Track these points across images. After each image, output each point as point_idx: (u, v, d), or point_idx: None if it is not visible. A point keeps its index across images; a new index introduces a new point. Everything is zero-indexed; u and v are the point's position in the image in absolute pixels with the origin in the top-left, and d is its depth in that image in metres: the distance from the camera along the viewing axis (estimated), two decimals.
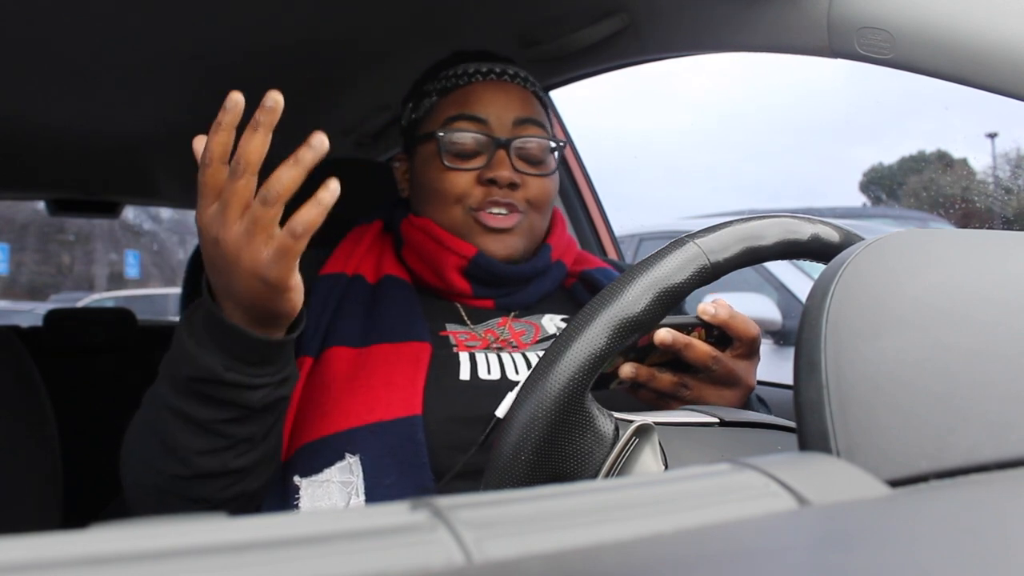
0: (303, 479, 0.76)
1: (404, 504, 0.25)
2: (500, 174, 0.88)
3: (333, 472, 0.76)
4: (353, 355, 0.83)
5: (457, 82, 0.94)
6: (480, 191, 0.90)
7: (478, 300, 0.92)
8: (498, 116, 0.91)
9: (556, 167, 0.95)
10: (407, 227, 0.94)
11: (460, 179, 0.90)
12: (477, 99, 0.92)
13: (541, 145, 0.92)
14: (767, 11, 0.88)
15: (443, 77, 0.96)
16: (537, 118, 0.94)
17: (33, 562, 0.20)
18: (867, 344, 0.37)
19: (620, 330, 0.50)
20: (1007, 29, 0.68)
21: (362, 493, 0.74)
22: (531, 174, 0.91)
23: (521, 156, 0.91)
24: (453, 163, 0.90)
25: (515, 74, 0.96)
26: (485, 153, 0.90)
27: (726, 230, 0.56)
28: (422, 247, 0.92)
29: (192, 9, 1.21)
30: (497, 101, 0.92)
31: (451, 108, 0.93)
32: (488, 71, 0.94)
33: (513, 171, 0.89)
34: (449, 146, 0.90)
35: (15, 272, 11.64)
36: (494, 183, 0.89)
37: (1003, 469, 0.32)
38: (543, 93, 1.00)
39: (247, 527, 0.23)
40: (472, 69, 0.94)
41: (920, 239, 0.45)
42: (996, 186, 3.14)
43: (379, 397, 0.78)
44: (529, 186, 0.91)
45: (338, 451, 0.76)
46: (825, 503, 0.28)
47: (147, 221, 11.36)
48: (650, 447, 0.53)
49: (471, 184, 0.90)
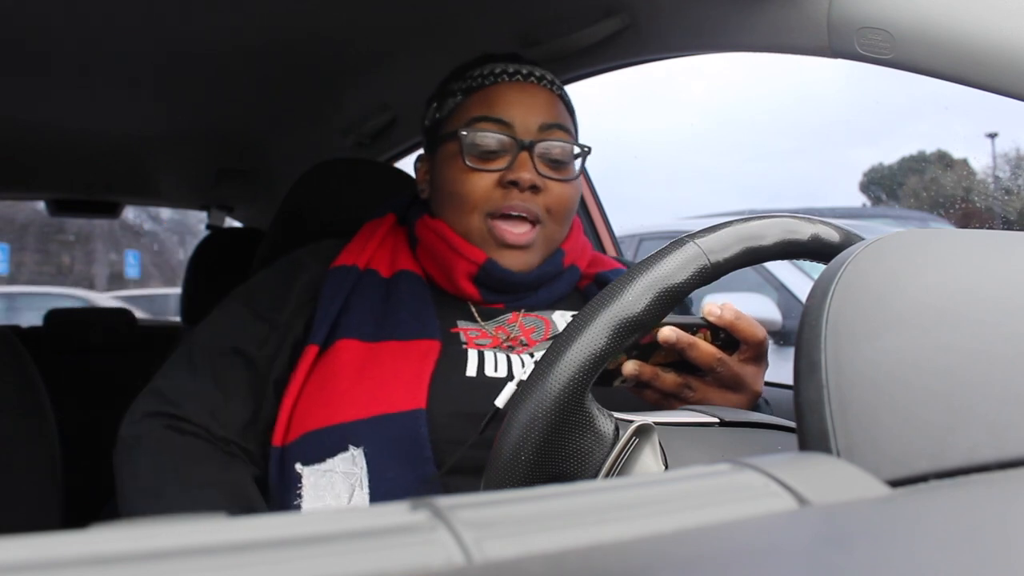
0: (305, 467, 0.77)
1: (404, 504, 0.25)
2: (522, 176, 0.87)
3: (336, 462, 0.76)
4: (363, 348, 0.83)
5: (483, 82, 0.93)
6: (500, 194, 0.89)
7: (489, 304, 0.92)
8: (523, 119, 0.90)
9: (579, 173, 0.94)
10: (422, 228, 0.94)
11: (481, 181, 0.89)
12: (502, 100, 0.91)
13: (565, 149, 0.91)
14: (767, 11, 0.88)
15: (469, 77, 0.95)
16: (563, 123, 0.93)
17: (33, 562, 0.20)
18: (867, 344, 0.37)
19: (620, 330, 0.50)
20: (1007, 29, 0.68)
21: (365, 485, 0.74)
22: (553, 178, 0.90)
23: (544, 160, 0.90)
24: (475, 163, 0.89)
25: (541, 76, 0.95)
26: (507, 155, 0.89)
27: (726, 230, 0.56)
28: (434, 249, 0.92)
29: (192, 9, 1.21)
30: (523, 103, 0.91)
31: (475, 108, 0.92)
32: (515, 72, 0.93)
33: (535, 174, 0.88)
34: (471, 146, 0.89)
35: (15, 272, 11.62)
36: (515, 185, 0.88)
37: (1003, 469, 0.32)
38: (569, 98, 0.99)
39: (247, 527, 0.23)
40: (498, 69, 0.94)
41: (920, 239, 0.45)
42: (996, 186, 3.14)
43: (384, 390, 0.79)
44: (550, 191, 0.90)
45: (342, 442, 0.77)
46: (825, 503, 0.28)
47: (147, 221, 11.35)
48: (650, 447, 0.53)
49: (491, 187, 0.89)
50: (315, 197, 1.24)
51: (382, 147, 1.73)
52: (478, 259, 0.89)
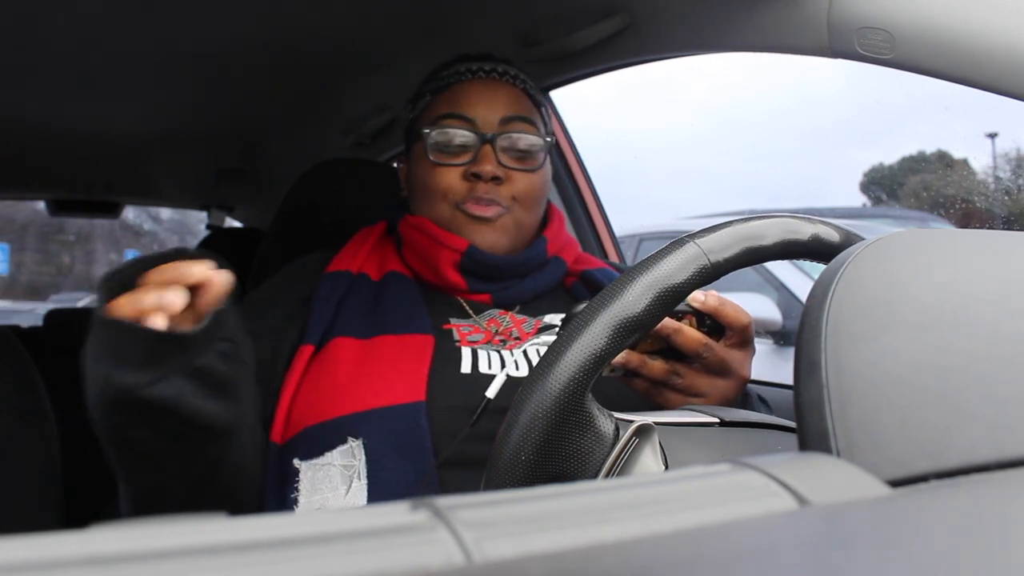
0: (303, 462, 0.77)
1: (404, 504, 0.25)
2: (483, 168, 0.90)
3: (335, 455, 0.76)
4: (359, 345, 0.84)
5: (448, 80, 0.96)
6: (464, 186, 0.92)
7: (475, 295, 0.94)
8: (484, 114, 0.93)
9: (544, 162, 0.96)
10: (404, 226, 0.96)
11: (446, 175, 0.92)
12: (465, 97, 0.94)
13: (528, 141, 0.94)
14: (767, 11, 0.89)
15: (438, 77, 0.98)
16: (525, 115, 0.95)
17: (33, 562, 0.20)
18: (867, 344, 0.37)
19: (620, 330, 0.50)
20: (1007, 29, 0.68)
21: (364, 477, 0.74)
22: (517, 169, 0.93)
23: (507, 152, 0.92)
24: (439, 159, 0.93)
25: (504, 72, 0.97)
26: (471, 150, 0.92)
27: (726, 230, 0.56)
28: (418, 244, 0.94)
29: (192, 10, 1.21)
30: (484, 99, 0.94)
31: (442, 107, 0.95)
32: (478, 69, 0.96)
33: (497, 165, 0.91)
34: (435, 144, 0.93)
35: (15, 272, 11.63)
36: (478, 177, 0.91)
37: (1003, 469, 0.32)
38: (536, 91, 1.01)
39: (247, 527, 0.23)
40: (463, 68, 0.97)
41: (920, 239, 0.45)
42: (996, 186, 3.15)
43: (384, 383, 0.79)
44: (515, 181, 0.92)
45: (340, 435, 0.77)
46: (825, 503, 0.28)
47: (147, 221, 11.36)
48: (650, 447, 0.53)
49: (457, 180, 0.92)
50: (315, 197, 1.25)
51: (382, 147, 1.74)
52: (460, 246, 0.91)
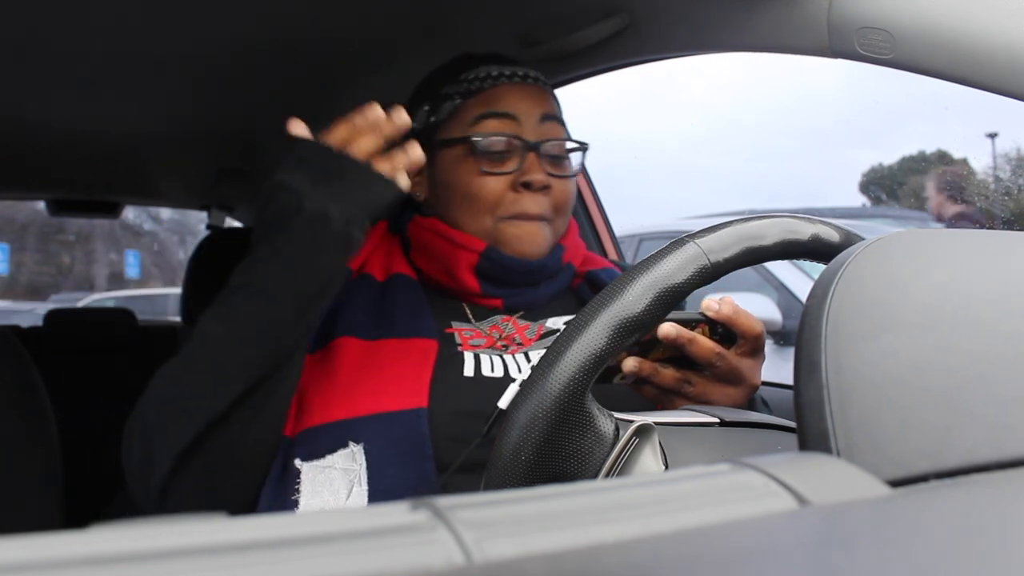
0: (304, 463, 0.77)
1: (404, 504, 0.25)
2: (535, 177, 0.90)
3: (336, 458, 0.76)
4: (362, 346, 0.84)
5: (481, 85, 0.94)
6: (512, 197, 0.91)
7: (487, 300, 0.93)
8: (525, 118, 0.92)
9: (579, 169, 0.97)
10: (415, 229, 0.95)
11: (495, 184, 0.91)
12: (505, 100, 0.93)
13: (564, 147, 0.95)
14: (767, 11, 0.88)
15: (464, 80, 0.95)
16: (559, 115, 0.96)
17: (33, 562, 0.20)
18: (867, 344, 0.37)
19: (620, 330, 0.50)
20: (1007, 29, 0.68)
21: (365, 482, 0.74)
22: (558, 175, 0.93)
23: (548, 159, 0.92)
24: (488, 167, 0.91)
25: (536, 77, 0.97)
26: (515, 156, 0.91)
27: (726, 230, 0.56)
28: (432, 247, 0.93)
29: (192, 9, 1.21)
30: (524, 101, 0.93)
31: (478, 109, 0.93)
32: (512, 74, 0.95)
33: (545, 174, 0.91)
34: (482, 150, 0.91)
35: (15, 272, 11.64)
36: (528, 187, 0.90)
37: (1003, 469, 0.32)
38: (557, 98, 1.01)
39: (247, 527, 0.23)
40: (495, 72, 0.95)
41: (920, 239, 0.45)
42: (996, 186, 3.15)
43: (386, 388, 0.79)
44: (556, 189, 0.93)
45: (342, 438, 0.77)
46: (825, 503, 0.28)
47: (147, 221, 11.37)
48: (650, 447, 0.53)
49: (504, 189, 0.91)
50: None
51: None
52: (478, 248, 0.90)
